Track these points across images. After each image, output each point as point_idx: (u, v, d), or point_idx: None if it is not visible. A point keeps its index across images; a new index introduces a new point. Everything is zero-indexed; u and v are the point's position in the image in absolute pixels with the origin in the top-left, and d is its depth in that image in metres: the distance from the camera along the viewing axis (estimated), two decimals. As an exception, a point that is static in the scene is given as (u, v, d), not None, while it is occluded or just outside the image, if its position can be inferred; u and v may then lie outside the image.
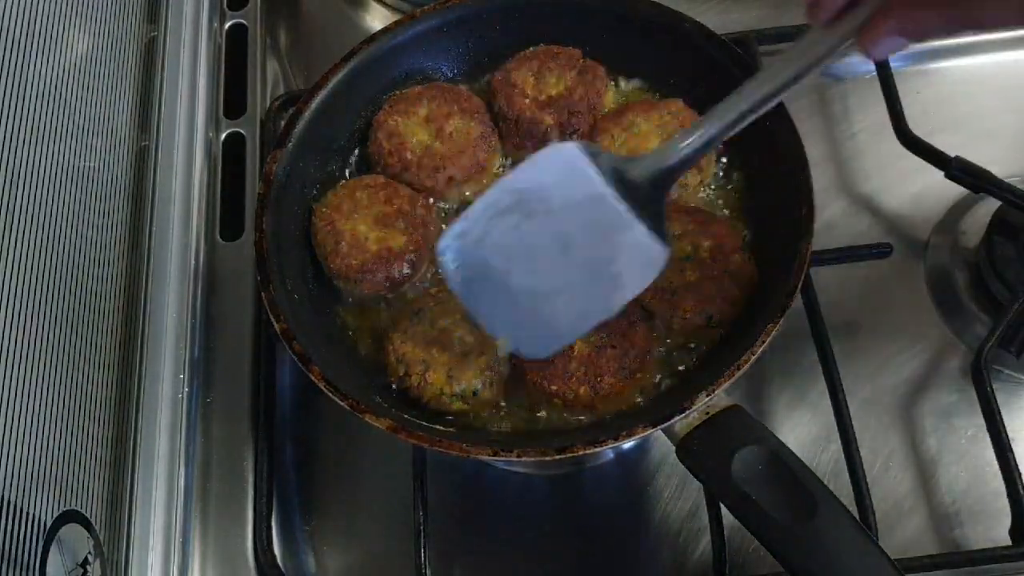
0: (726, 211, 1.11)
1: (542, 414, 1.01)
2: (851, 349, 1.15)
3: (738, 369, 0.91)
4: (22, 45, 0.99)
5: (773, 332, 0.92)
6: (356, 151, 1.17)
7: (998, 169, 1.15)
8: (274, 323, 0.96)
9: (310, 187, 1.11)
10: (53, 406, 0.94)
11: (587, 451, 0.90)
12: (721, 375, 0.91)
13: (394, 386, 1.01)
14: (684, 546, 1.07)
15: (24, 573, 0.84)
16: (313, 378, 0.93)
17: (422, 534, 1.01)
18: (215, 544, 1.08)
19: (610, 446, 0.90)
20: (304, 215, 1.10)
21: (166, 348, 1.14)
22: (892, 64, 1.27)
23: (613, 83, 1.20)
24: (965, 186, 1.16)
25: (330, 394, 0.93)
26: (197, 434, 1.14)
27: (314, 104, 1.10)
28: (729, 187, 1.12)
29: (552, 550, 1.08)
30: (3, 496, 0.83)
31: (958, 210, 1.22)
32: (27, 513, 0.86)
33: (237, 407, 1.15)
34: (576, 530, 1.09)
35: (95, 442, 1.01)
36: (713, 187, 1.12)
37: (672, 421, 0.90)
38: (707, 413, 0.91)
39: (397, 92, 1.18)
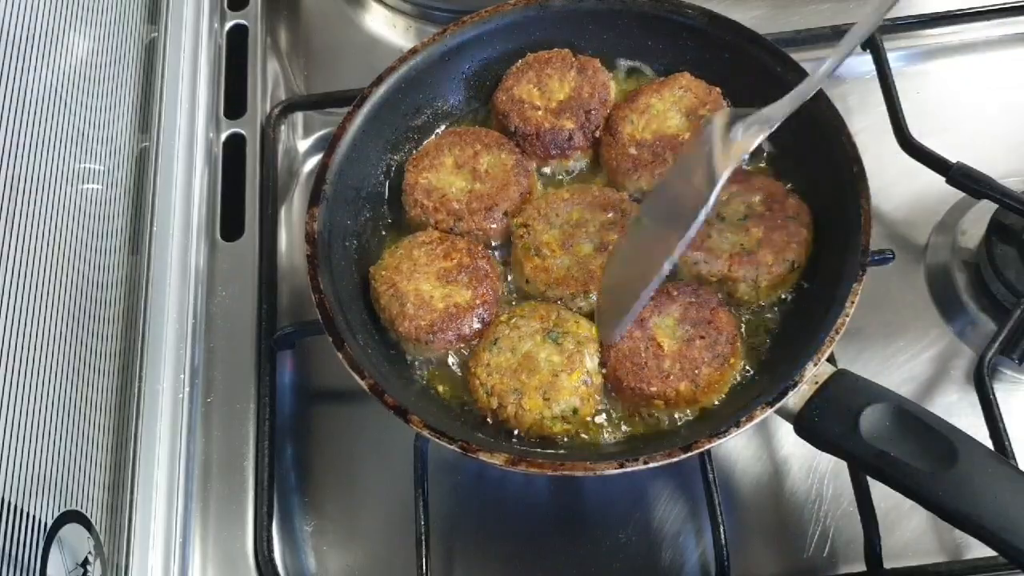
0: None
1: (646, 418, 1.02)
2: (853, 349, 1.15)
3: (836, 333, 0.93)
4: (22, 48, 0.99)
5: (859, 291, 0.95)
6: (384, 206, 1.17)
7: (996, 168, 1.16)
8: (359, 381, 0.96)
9: (350, 239, 1.11)
10: (54, 408, 0.94)
11: (712, 444, 0.91)
12: (821, 342, 0.93)
13: (488, 419, 1.01)
14: (684, 546, 1.07)
15: (25, 573, 0.84)
16: (415, 428, 0.93)
17: (424, 536, 1.01)
18: (215, 544, 1.08)
19: (733, 435, 0.91)
20: (352, 268, 1.10)
21: (166, 348, 1.15)
22: (892, 64, 1.27)
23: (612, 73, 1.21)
24: (966, 191, 1.17)
25: (436, 439, 0.93)
26: (197, 434, 1.14)
27: (338, 156, 1.10)
28: (761, 161, 1.15)
29: (552, 550, 1.08)
30: (4, 497, 0.83)
31: (958, 210, 1.22)
32: (28, 514, 0.86)
33: (237, 407, 1.15)
34: (576, 530, 1.09)
35: (96, 443, 1.01)
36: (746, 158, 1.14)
37: (787, 397, 0.91)
38: (816, 383, 0.92)
39: (414, 152, 1.18)
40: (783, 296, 1.07)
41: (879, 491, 0.96)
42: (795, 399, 0.92)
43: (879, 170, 1.08)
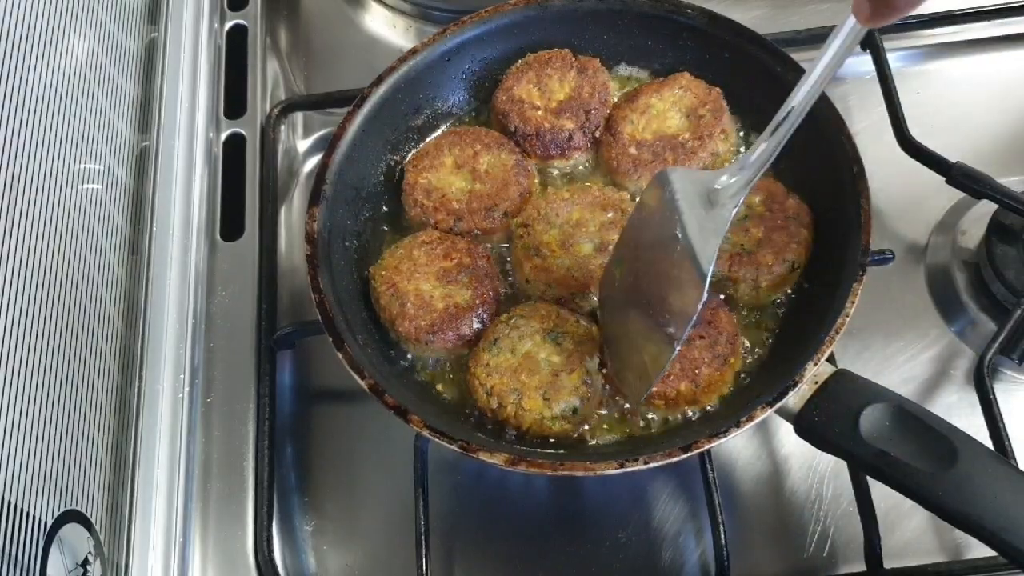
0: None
1: (646, 418, 1.02)
2: (853, 349, 1.15)
3: (836, 333, 0.94)
4: (22, 48, 0.99)
5: (859, 291, 0.95)
6: (384, 206, 1.17)
7: (996, 169, 1.16)
8: (359, 381, 0.96)
9: (350, 239, 1.11)
10: (54, 408, 0.94)
11: (711, 444, 0.91)
12: (821, 342, 0.93)
13: (488, 418, 1.01)
14: (684, 546, 1.07)
15: (25, 573, 0.84)
16: (415, 428, 0.93)
17: (424, 536, 1.01)
18: (215, 544, 1.08)
19: (733, 435, 0.91)
20: (352, 268, 1.10)
21: (166, 348, 1.15)
22: (892, 64, 1.27)
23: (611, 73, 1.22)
24: (966, 191, 1.17)
25: (436, 439, 0.93)
26: (197, 434, 1.14)
27: (338, 156, 1.10)
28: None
29: (552, 550, 1.08)
30: (4, 497, 0.83)
31: (958, 210, 1.22)
32: (28, 513, 0.86)
33: (237, 407, 1.15)
34: (576, 530, 1.09)
35: (96, 443, 1.01)
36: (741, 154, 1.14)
37: (787, 397, 0.91)
38: (816, 382, 0.93)
39: (414, 151, 1.18)
40: (783, 296, 1.07)
41: (879, 491, 0.96)
42: (795, 399, 0.92)
43: (879, 170, 1.08)
